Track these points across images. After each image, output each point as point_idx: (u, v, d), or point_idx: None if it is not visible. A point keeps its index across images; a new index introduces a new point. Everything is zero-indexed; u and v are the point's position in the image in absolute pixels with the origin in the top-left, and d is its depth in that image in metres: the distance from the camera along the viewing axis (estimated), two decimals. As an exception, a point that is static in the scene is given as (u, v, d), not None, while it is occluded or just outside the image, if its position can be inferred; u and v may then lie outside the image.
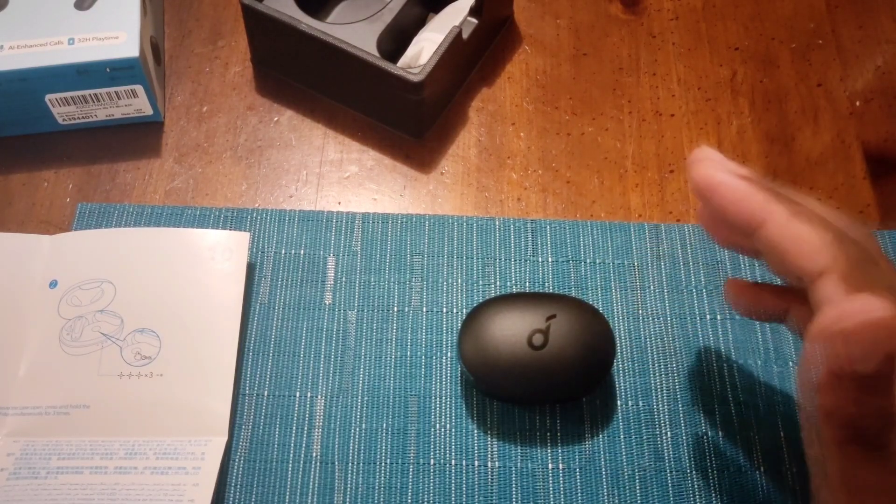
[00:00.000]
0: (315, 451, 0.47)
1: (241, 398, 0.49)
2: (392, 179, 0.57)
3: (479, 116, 0.59)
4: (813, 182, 0.57)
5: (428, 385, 0.49)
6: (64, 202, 0.55)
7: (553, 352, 0.46)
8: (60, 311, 0.49)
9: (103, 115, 0.57)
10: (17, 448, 0.46)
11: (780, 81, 0.61)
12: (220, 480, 0.46)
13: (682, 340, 0.51)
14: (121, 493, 0.44)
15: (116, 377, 0.48)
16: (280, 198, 0.56)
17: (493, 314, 0.47)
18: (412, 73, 0.53)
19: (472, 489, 0.46)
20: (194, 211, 0.54)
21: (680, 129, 0.59)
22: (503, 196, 0.56)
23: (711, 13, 0.64)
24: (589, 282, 0.53)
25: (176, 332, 0.49)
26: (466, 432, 0.48)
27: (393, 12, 0.57)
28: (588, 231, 0.54)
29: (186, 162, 0.57)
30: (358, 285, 0.52)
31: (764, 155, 0.58)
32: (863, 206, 0.56)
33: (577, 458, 0.47)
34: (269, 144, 0.58)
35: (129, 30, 0.54)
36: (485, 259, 0.53)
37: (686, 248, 0.54)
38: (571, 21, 0.63)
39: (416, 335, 0.51)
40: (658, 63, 0.61)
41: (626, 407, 0.49)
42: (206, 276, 0.51)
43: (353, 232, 0.54)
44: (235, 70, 0.61)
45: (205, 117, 0.59)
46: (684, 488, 0.47)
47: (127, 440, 0.46)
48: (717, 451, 0.48)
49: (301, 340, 0.50)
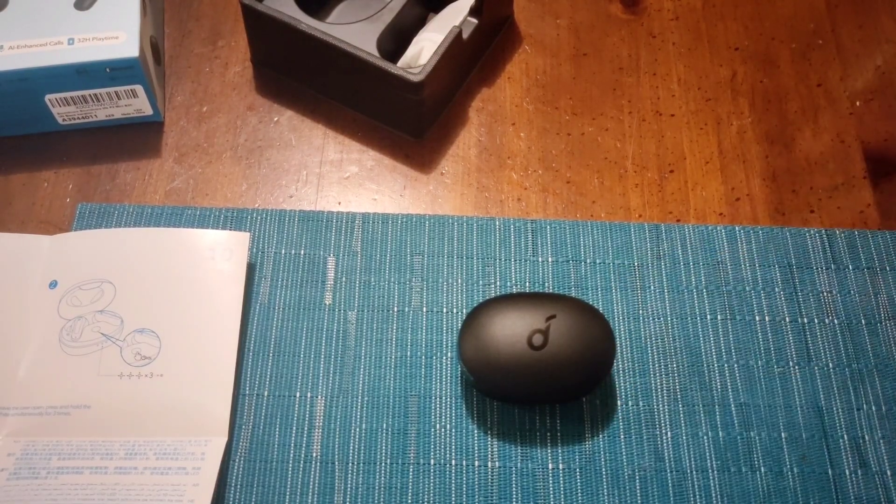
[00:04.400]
0: (315, 451, 0.47)
1: (241, 398, 0.49)
2: (392, 179, 0.57)
3: (479, 116, 0.59)
4: (813, 182, 0.57)
5: (428, 385, 0.49)
6: (64, 202, 0.55)
7: (553, 352, 0.46)
8: (60, 311, 0.49)
9: (103, 115, 0.57)
10: (17, 448, 0.46)
11: (780, 81, 0.61)
12: (220, 480, 0.46)
13: (682, 340, 0.51)
14: (121, 493, 0.44)
15: (116, 377, 0.48)
16: (280, 198, 0.56)
17: (493, 314, 0.47)
18: (412, 73, 0.53)
19: (472, 489, 0.46)
20: (194, 211, 0.54)
21: (680, 129, 0.59)
22: (503, 196, 0.56)
23: (711, 13, 0.64)
24: (589, 282, 0.53)
25: (176, 333, 0.49)
26: (466, 432, 0.48)
27: (393, 12, 0.57)
28: (588, 231, 0.54)
29: (186, 162, 0.57)
30: (358, 285, 0.52)
31: (764, 155, 0.58)
32: (863, 206, 0.56)
33: (577, 458, 0.47)
34: (269, 144, 0.58)
35: (129, 30, 0.54)
36: (485, 259, 0.53)
37: (686, 248, 0.54)
38: (571, 21, 0.63)
39: (416, 335, 0.51)
40: (658, 63, 0.61)
41: (626, 407, 0.49)
42: (206, 277, 0.50)
43: (353, 232, 0.54)
44: (235, 70, 0.61)
45: (205, 117, 0.59)
46: (684, 488, 0.47)
47: (127, 440, 0.46)
48: (717, 451, 0.48)
49: (301, 341, 0.50)
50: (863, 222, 0.55)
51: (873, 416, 0.49)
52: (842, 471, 0.47)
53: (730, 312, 0.52)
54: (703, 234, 0.54)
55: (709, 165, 0.57)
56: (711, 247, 0.54)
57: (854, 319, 0.52)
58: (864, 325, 0.52)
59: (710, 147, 0.58)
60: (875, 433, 0.48)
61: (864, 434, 0.48)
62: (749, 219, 0.55)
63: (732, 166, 0.57)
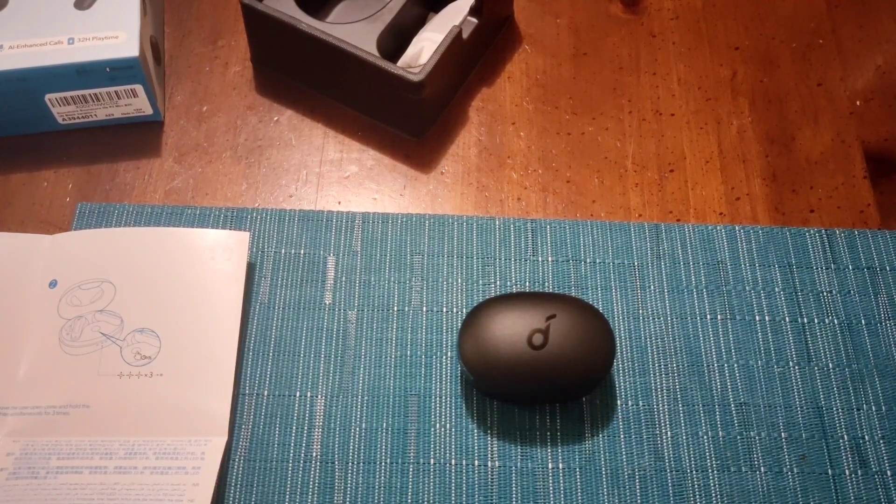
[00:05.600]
0: (315, 450, 0.47)
1: (241, 398, 0.49)
2: (392, 179, 0.57)
3: (479, 116, 0.59)
4: (813, 182, 0.57)
5: (428, 385, 0.49)
6: (64, 202, 0.55)
7: (553, 352, 0.46)
8: (60, 311, 0.49)
9: (103, 114, 0.57)
10: (16, 448, 0.46)
11: (781, 81, 0.61)
12: (220, 480, 0.46)
13: (682, 340, 0.51)
14: (120, 492, 0.44)
15: (116, 377, 0.48)
16: (280, 197, 0.56)
17: (493, 314, 0.47)
18: (412, 73, 0.53)
19: (472, 489, 0.46)
20: (194, 211, 0.54)
21: (680, 128, 0.59)
22: (503, 196, 0.56)
23: (711, 13, 0.64)
24: (589, 282, 0.53)
25: (176, 332, 0.49)
26: (466, 432, 0.48)
27: (393, 12, 0.57)
28: (588, 231, 0.54)
29: (186, 162, 0.57)
30: (358, 285, 0.52)
31: (764, 155, 0.58)
32: (863, 206, 0.56)
33: (577, 457, 0.47)
34: (269, 144, 0.58)
35: (129, 29, 0.54)
36: (485, 259, 0.53)
37: (686, 248, 0.54)
38: (571, 21, 0.63)
39: (416, 335, 0.51)
40: (658, 63, 0.61)
41: (626, 407, 0.49)
42: (206, 276, 0.50)
43: (353, 232, 0.54)
44: (235, 70, 0.61)
45: (205, 117, 0.59)
46: (684, 488, 0.47)
47: (127, 440, 0.46)
48: (717, 451, 0.48)
49: (301, 340, 0.50)
50: (863, 222, 0.55)
51: (873, 416, 0.49)
52: (842, 471, 0.47)
53: (730, 312, 0.52)
54: (703, 233, 0.54)
55: (709, 165, 0.57)
56: (711, 246, 0.54)
57: (854, 319, 0.52)
58: (864, 325, 0.52)
59: (710, 147, 0.58)
60: (875, 433, 0.48)
61: (864, 434, 0.48)
62: (749, 218, 0.55)
63: (732, 166, 0.57)
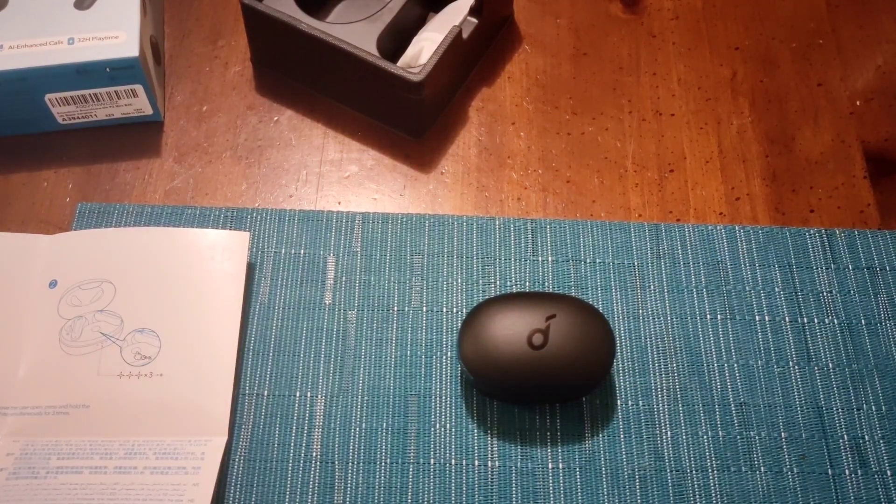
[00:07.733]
0: (315, 450, 0.47)
1: (241, 398, 0.49)
2: (392, 179, 0.57)
3: (479, 116, 0.59)
4: (813, 182, 0.57)
5: (428, 385, 0.49)
6: (64, 202, 0.55)
7: (553, 352, 0.46)
8: (60, 311, 0.49)
9: (103, 114, 0.57)
10: (16, 448, 0.46)
11: (781, 81, 0.61)
12: (220, 480, 0.46)
13: (682, 340, 0.51)
14: (120, 492, 0.44)
15: (116, 377, 0.48)
16: (280, 197, 0.56)
17: (493, 314, 0.47)
18: (412, 73, 0.53)
19: (472, 489, 0.46)
20: (194, 211, 0.54)
21: (680, 128, 0.59)
22: (503, 196, 0.56)
23: (711, 13, 0.64)
24: (589, 282, 0.53)
25: (176, 332, 0.49)
26: (466, 432, 0.48)
27: (393, 12, 0.57)
28: (588, 231, 0.54)
29: (186, 162, 0.57)
30: (358, 285, 0.52)
31: (764, 155, 0.58)
32: (863, 206, 0.56)
33: (577, 457, 0.47)
34: (269, 144, 0.58)
35: (129, 29, 0.54)
36: (485, 259, 0.53)
37: (686, 248, 0.54)
38: (571, 21, 0.63)
39: (416, 335, 0.51)
40: (658, 63, 0.61)
41: (626, 407, 0.49)
42: (206, 276, 0.50)
43: (353, 232, 0.54)
44: (235, 70, 0.61)
45: (205, 117, 0.59)
46: (684, 488, 0.47)
47: (127, 440, 0.46)
48: (717, 451, 0.48)
49: (301, 340, 0.50)
50: (863, 222, 0.55)
51: (873, 416, 0.49)
52: (841, 471, 0.47)
53: (730, 312, 0.52)
54: (702, 233, 0.54)
55: (709, 165, 0.57)
56: (711, 246, 0.54)
57: (854, 319, 0.52)
58: (864, 325, 0.52)
59: (710, 147, 0.58)
60: (875, 433, 0.48)
61: (864, 434, 0.48)
62: (749, 218, 0.55)
63: (732, 166, 0.57)
